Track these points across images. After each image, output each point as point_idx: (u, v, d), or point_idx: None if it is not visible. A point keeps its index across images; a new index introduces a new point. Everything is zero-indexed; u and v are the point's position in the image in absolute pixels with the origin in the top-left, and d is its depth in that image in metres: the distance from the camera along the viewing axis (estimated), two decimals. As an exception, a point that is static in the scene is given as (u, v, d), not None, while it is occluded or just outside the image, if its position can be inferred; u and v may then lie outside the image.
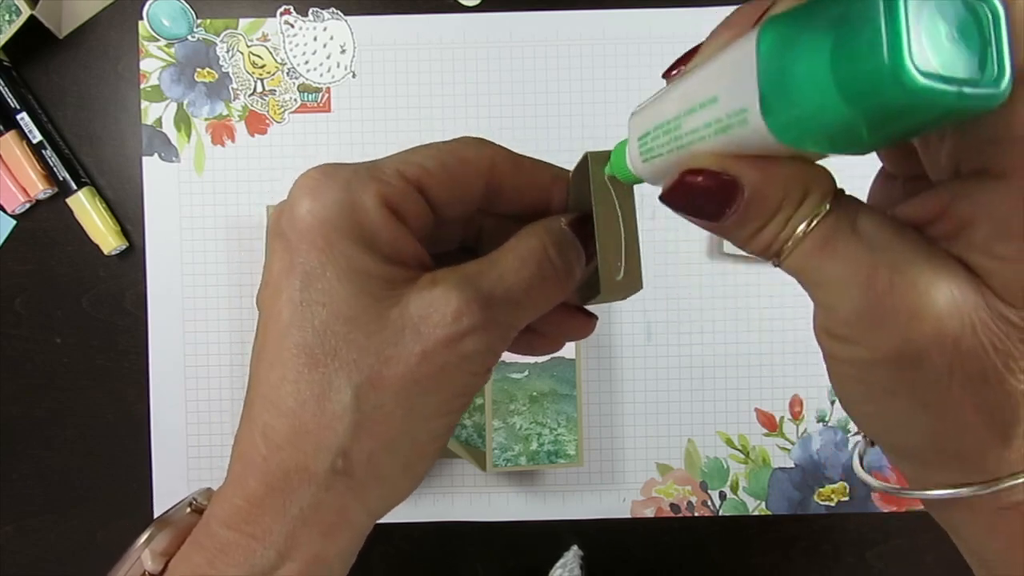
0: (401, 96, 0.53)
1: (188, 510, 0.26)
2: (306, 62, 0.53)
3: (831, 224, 0.17)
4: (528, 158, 0.25)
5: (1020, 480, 0.17)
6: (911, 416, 0.18)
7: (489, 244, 0.24)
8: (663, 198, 0.19)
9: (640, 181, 0.22)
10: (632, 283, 0.25)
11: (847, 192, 0.18)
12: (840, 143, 0.15)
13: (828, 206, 0.17)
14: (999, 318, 0.16)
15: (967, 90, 0.14)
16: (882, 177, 0.22)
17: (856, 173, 0.21)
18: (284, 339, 0.21)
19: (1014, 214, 0.16)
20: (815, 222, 0.17)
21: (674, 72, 0.20)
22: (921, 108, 0.13)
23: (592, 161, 0.24)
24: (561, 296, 0.24)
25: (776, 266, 0.18)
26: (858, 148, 0.15)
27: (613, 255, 0.24)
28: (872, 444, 0.23)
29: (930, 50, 0.13)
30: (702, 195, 0.18)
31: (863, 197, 0.21)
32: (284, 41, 0.53)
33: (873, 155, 0.22)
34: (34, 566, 0.54)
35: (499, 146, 0.24)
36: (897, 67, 0.13)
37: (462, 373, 0.21)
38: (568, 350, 0.50)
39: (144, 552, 0.24)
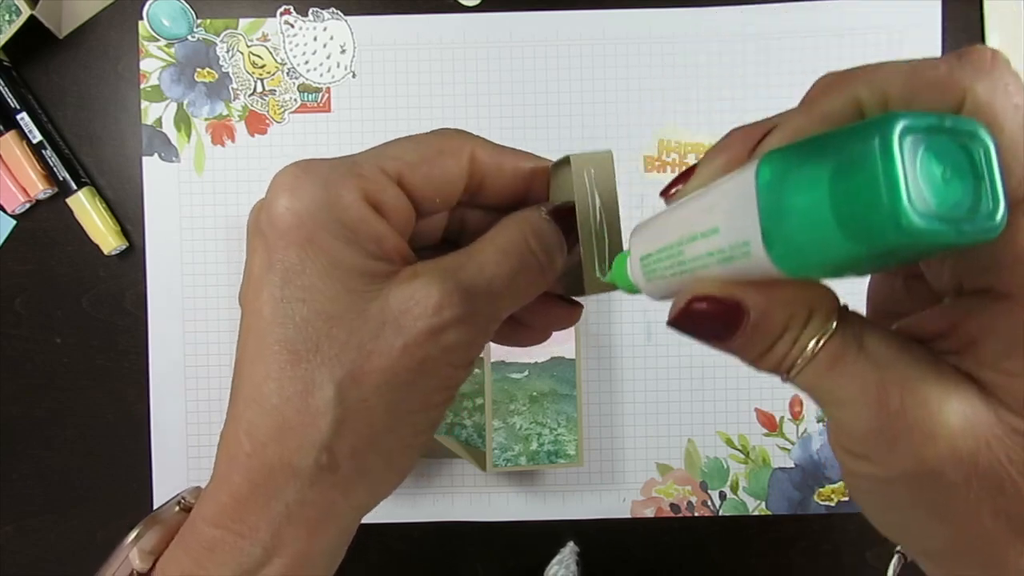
0: (401, 96, 0.53)
1: (176, 508, 0.26)
2: (306, 62, 0.53)
3: (838, 343, 0.17)
4: (508, 148, 0.25)
5: None
6: (930, 526, 0.18)
7: (471, 237, 0.23)
8: (671, 324, 0.19)
9: (639, 292, 0.22)
10: None
11: (846, 298, 0.18)
12: (842, 271, 0.16)
13: (834, 324, 0.17)
14: (1011, 431, 0.17)
15: (965, 227, 0.14)
16: (881, 273, 0.22)
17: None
18: (266, 336, 0.21)
19: (1020, 333, 0.16)
20: (823, 341, 0.17)
21: (672, 191, 0.20)
22: (920, 246, 0.14)
23: (575, 163, 0.24)
24: (543, 286, 0.24)
25: (785, 382, 0.19)
26: (859, 274, 0.16)
27: (596, 253, 0.24)
28: (907, 560, 0.23)
29: (927, 191, 0.14)
30: (708, 320, 0.18)
31: (862, 288, 0.21)
32: (284, 41, 0.53)
33: None
34: (34, 566, 0.54)
35: (478, 137, 0.24)
36: (896, 210, 0.13)
37: (444, 365, 0.21)
38: (568, 350, 0.50)
39: (132, 550, 0.24)
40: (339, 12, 0.53)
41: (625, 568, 0.55)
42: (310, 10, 0.53)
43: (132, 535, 0.24)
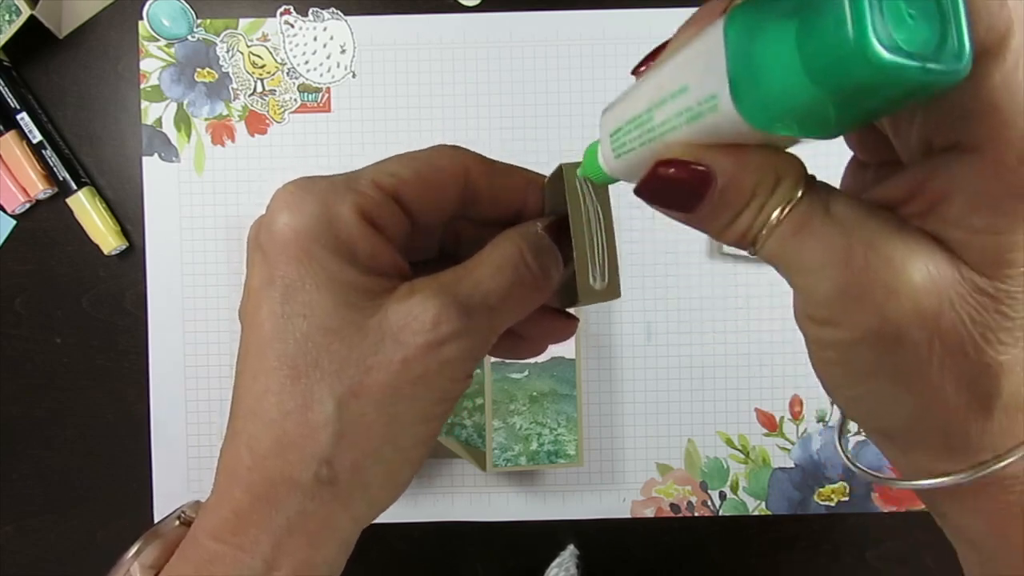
0: (401, 96, 0.53)
1: (177, 523, 0.26)
2: (306, 62, 0.53)
3: (804, 209, 0.17)
4: (503, 164, 0.25)
5: (1004, 462, 0.18)
6: (894, 396, 0.18)
7: (467, 251, 0.24)
8: (637, 191, 0.19)
9: (614, 180, 0.22)
10: (611, 290, 0.25)
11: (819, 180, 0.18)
12: (809, 125, 0.15)
13: (801, 192, 0.17)
14: (975, 290, 0.16)
15: (931, 65, 0.14)
16: (853, 165, 0.22)
17: (830, 163, 0.21)
18: (266, 351, 0.21)
19: (987, 185, 0.16)
20: (788, 208, 0.17)
21: (643, 68, 0.20)
22: (887, 84, 0.14)
23: (567, 172, 0.24)
24: (539, 300, 0.24)
25: (752, 255, 0.18)
26: (826, 130, 0.16)
27: (590, 263, 0.24)
28: (848, 420, 0.23)
29: (893, 27, 0.14)
30: (675, 186, 0.18)
31: (837, 180, 0.21)
32: (284, 41, 0.53)
33: (844, 146, 0.22)
34: (34, 566, 0.54)
35: (473, 153, 0.25)
36: (862, 43, 0.13)
37: (443, 379, 0.22)
38: (568, 350, 0.50)
39: (133, 565, 0.24)
40: (339, 12, 0.53)
41: (625, 568, 0.55)
42: (310, 10, 0.53)
43: (133, 550, 0.25)
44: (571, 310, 0.27)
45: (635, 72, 0.21)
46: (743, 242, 0.18)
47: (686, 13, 0.19)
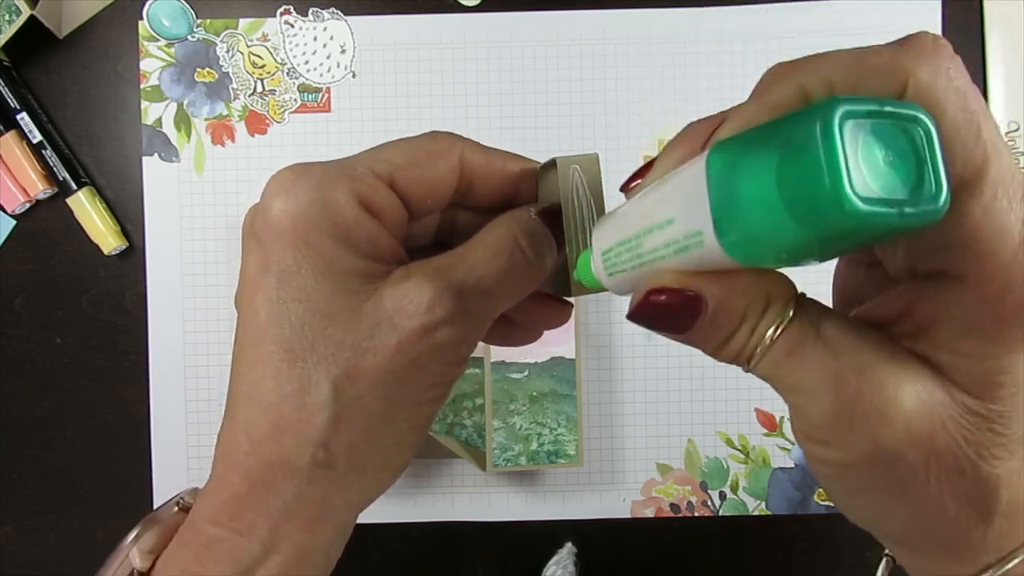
0: (401, 96, 0.53)
1: (176, 509, 0.26)
2: (306, 62, 0.53)
3: (796, 331, 0.17)
4: (497, 150, 0.25)
5: (1010, 564, 0.18)
6: (893, 508, 0.19)
7: (462, 238, 0.24)
8: (630, 317, 0.19)
9: (605, 289, 0.23)
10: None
11: (817, 289, 0.18)
12: (795, 258, 0.16)
13: (791, 312, 0.17)
14: (967, 412, 0.17)
15: (908, 210, 0.14)
16: (845, 261, 0.23)
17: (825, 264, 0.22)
18: (263, 337, 0.21)
19: (974, 312, 0.16)
20: (780, 329, 0.17)
21: (632, 185, 0.21)
22: (865, 229, 0.14)
23: (561, 166, 0.24)
24: (533, 285, 0.24)
25: (747, 371, 0.19)
26: (811, 261, 0.16)
27: (580, 256, 0.24)
28: (895, 563, 0.23)
29: (869, 175, 0.14)
30: (667, 312, 0.18)
31: (828, 278, 0.21)
32: (284, 41, 0.53)
33: None
34: (34, 566, 0.54)
35: (468, 139, 0.25)
36: (838, 194, 0.13)
37: (437, 363, 0.22)
38: (568, 350, 0.50)
39: (132, 550, 0.24)
40: (339, 12, 0.53)
41: (625, 568, 0.55)
42: (310, 10, 0.53)
43: (132, 535, 0.25)
44: (568, 298, 0.27)
45: (624, 188, 0.21)
46: (738, 361, 0.19)
47: (686, 13, 0.19)
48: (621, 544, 0.54)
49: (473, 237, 0.23)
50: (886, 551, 0.24)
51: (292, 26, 0.53)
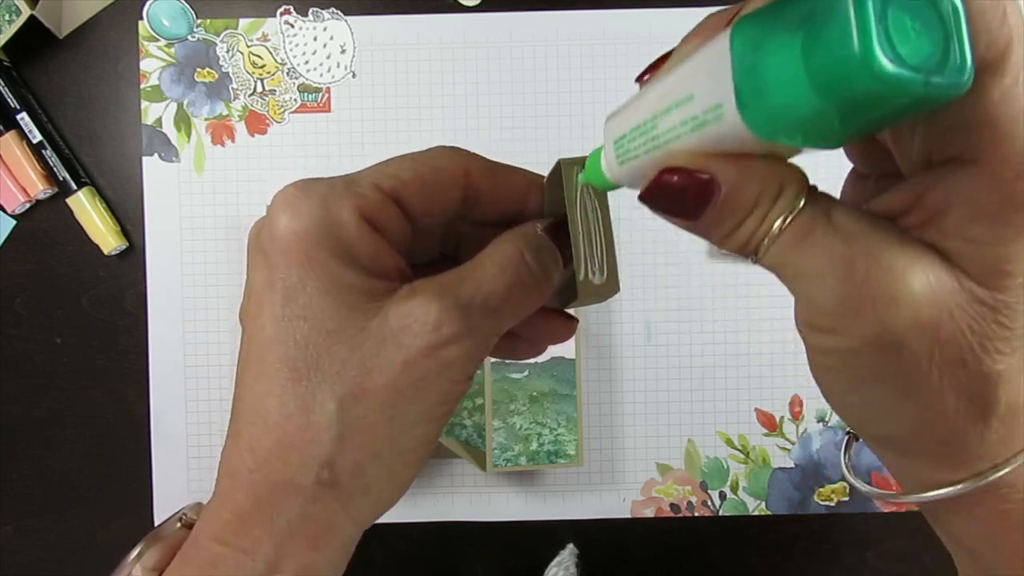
0: (401, 96, 0.53)
1: (178, 525, 0.26)
2: (306, 62, 0.53)
3: (807, 218, 0.17)
4: (502, 165, 0.25)
5: (1001, 472, 0.18)
6: (893, 403, 0.18)
7: (468, 252, 0.24)
8: (641, 198, 0.19)
9: (616, 187, 0.22)
10: (610, 287, 0.25)
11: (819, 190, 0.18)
12: (813, 135, 0.16)
13: (803, 201, 0.17)
14: (974, 300, 0.17)
15: (934, 79, 0.14)
16: (853, 177, 0.22)
17: (831, 175, 0.22)
18: (268, 354, 0.21)
19: (986, 196, 0.16)
20: (791, 217, 0.17)
21: (647, 77, 0.20)
22: (890, 96, 0.14)
23: (565, 168, 0.24)
24: (540, 301, 0.24)
25: (754, 263, 0.19)
26: (830, 140, 0.16)
27: (589, 260, 0.24)
28: (856, 439, 0.23)
29: (897, 41, 0.14)
30: (679, 194, 0.18)
31: (839, 185, 0.21)
32: (284, 41, 0.53)
33: (844, 158, 0.22)
34: (34, 566, 0.54)
35: (473, 154, 0.25)
36: (867, 56, 0.13)
37: (443, 381, 0.22)
38: (568, 350, 0.50)
39: (135, 567, 0.24)
40: (339, 12, 0.53)
41: (625, 568, 0.55)
42: (310, 10, 0.53)
43: (134, 552, 0.25)
44: (571, 311, 0.27)
45: (639, 80, 0.21)
46: (745, 250, 0.18)
47: (686, 13, 0.19)
48: (621, 544, 0.54)
49: (480, 254, 0.23)
50: (847, 429, 0.23)
51: (292, 26, 0.53)
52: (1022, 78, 0.15)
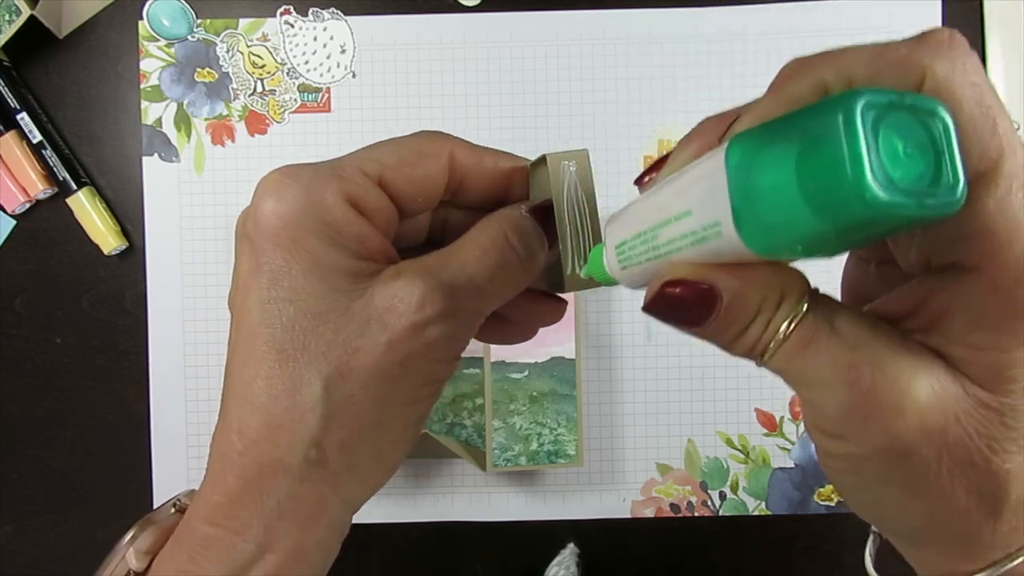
0: (401, 96, 0.53)
1: (172, 510, 0.26)
2: (306, 62, 0.53)
3: (810, 324, 0.18)
4: (487, 149, 0.25)
5: (1017, 561, 0.18)
6: (905, 503, 0.19)
7: (455, 237, 0.24)
8: (646, 309, 0.20)
9: (616, 283, 0.23)
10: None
11: (823, 288, 0.18)
12: (811, 250, 0.16)
13: (806, 306, 0.18)
14: (979, 405, 0.17)
15: (927, 200, 0.14)
16: (854, 260, 0.23)
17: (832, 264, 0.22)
18: (255, 337, 0.22)
19: (987, 304, 0.16)
20: (794, 323, 0.18)
21: (646, 180, 0.21)
22: (885, 219, 0.14)
23: (551, 161, 0.24)
24: (525, 282, 0.24)
25: (760, 366, 0.19)
26: (828, 253, 0.16)
27: (574, 251, 0.24)
28: (881, 537, 0.23)
29: (889, 166, 0.14)
30: (683, 304, 0.18)
31: (837, 277, 0.21)
32: (284, 41, 0.53)
33: None
34: (34, 566, 0.54)
35: (457, 138, 0.25)
36: (860, 184, 0.14)
37: (428, 360, 0.22)
38: (568, 350, 0.50)
39: (128, 551, 0.24)
40: (339, 12, 0.53)
41: (625, 568, 0.55)
42: (310, 10, 0.53)
43: (128, 536, 0.25)
44: (562, 294, 0.27)
45: (639, 183, 0.21)
46: (751, 354, 0.19)
47: (686, 13, 0.19)
48: (621, 544, 0.54)
49: (464, 235, 0.24)
50: (873, 528, 0.24)
51: (292, 26, 0.53)
52: (1015, 186, 0.16)
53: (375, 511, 0.53)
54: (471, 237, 0.23)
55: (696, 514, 0.54)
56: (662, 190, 0.19)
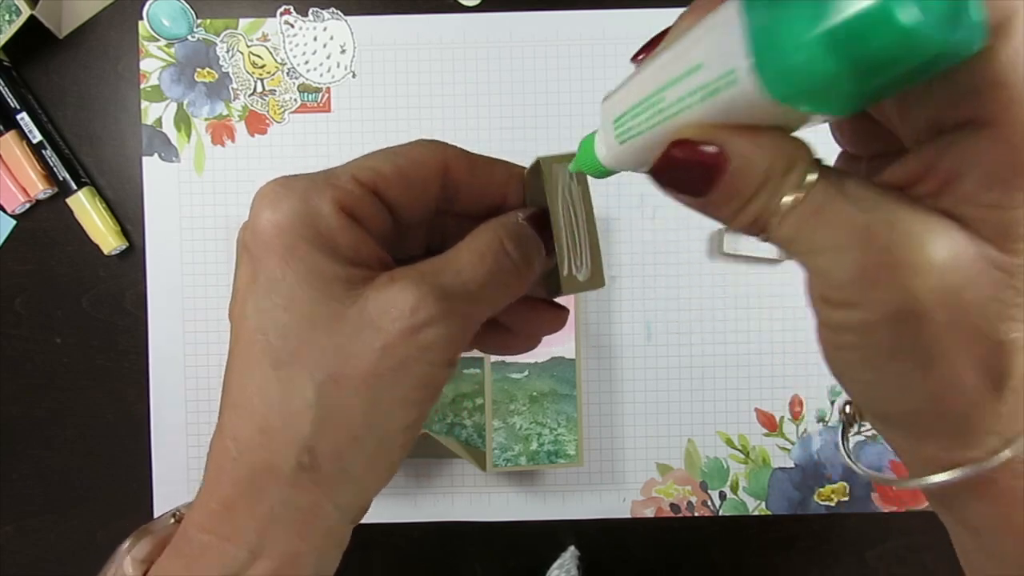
0: (401, 96, 0.53)
1: (171, 520, 0.26)
2: (306, 62, 0.53)
3: (822, 190, 0.17)
4: (483, 157, 0.25)
5: (1015, 448, 0.17)
6: (908, 379, 0.18)
7: (452, 246, 0.24)
8: (652, 172, 0.19)
9: (609, 173, 0.22)
10: (594, 281, 0.25)
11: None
12: (828, 99, 0.15)
13: (816, 175, 0.17)
14: (992, 266, 0.16)
15: (951, 35, 0.14)
16: (844, 160, 0.22)
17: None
18: (250, 345, 0.22)
19: (998, 161, 0.16)
20: (807, 185, 0.17)
21: (642, 56, 0.20)
22: (908, 53, 0.14)
23: (544, 165, 0.24)
24: (521, 289, 0.24)
25: (764, 240, 0.18)
26: (842, 105, 0.16)
27: (572, 256, 0.24)
28: (852, 423, 0.23)
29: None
30: (689, 168, 0.18)
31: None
32: (284, 41, 0.53)
33: (832, 143, 0.22)
34: (34, 566, 0.54)
35: (453, 146, 0.25)
36: (887, 10, 0.14)
37: (422, 365, 0.22)
38: (568, 350, 0.50)
39: (126, 559, 0.24)
40: (339, 12, 0.53)
41: (625, 568, 0.55)
42: (310, 10, 0.53)
43: (125, 544, 0.25)
44: (562, 300, 0.27)
45: (635, 59, 0.21)
46: (755, 227, 0.18)
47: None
48: (621, 544, 0.54)
49: (460, 242, 0.24)
50: (845, 413, 0.23)
51: (292, 26, 0.53)
52: None
53: (376, 511, 0.53)
54: (466, 244, 0.23)
55: (696, 514, 0.54)
56: (667, 52, 0.18)
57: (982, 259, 0.16)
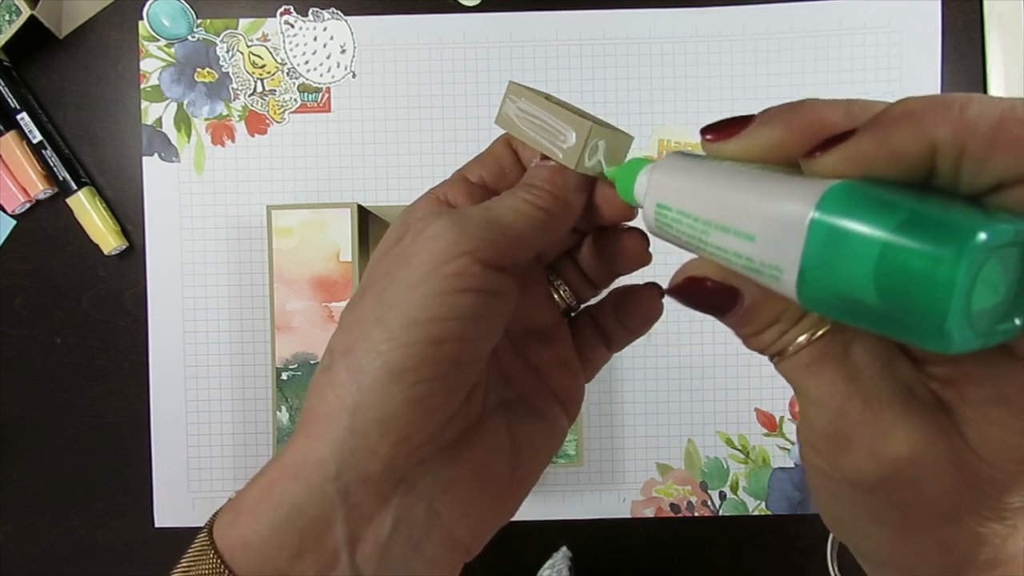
0: (401, 96, 0.53)
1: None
2: (306, 62, 0.53)
3: (825, 344, 0.18)
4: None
5: None
6: (873, 529, 0.19)
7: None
8: (669, 292, 0.21)
9: (637, 206, 0.23)
10: (620, 143, 0.27)
11: None
12: (854, 322, 0.16)
13: (827, 328, 0.18)
14: (964, 468, 0.17)
15: (992, 339, 0.14)
16: None
17: None
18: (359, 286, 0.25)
19: (1017, 392, 0.16)
20: (815, 337, 0.18)
21: (710, 137, 0.20)
22: (942, 348, 0.14)
23: (510, 90, 0.25)
24: (565, 222, 0.25)
25: (772, 364, 0.19)
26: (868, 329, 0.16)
27: (585, 150, 0.26)
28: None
29: (975, 302, 0.13)
30: (705, 296, 0.19)
31: None
32: (284, 41, 0.53)
33: None
34: (34, 566, 0.54)
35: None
36: (941, 326, 0.13)
37: (443, 278, 0.22)
38: (568, 350, 0.50)
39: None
40: (339, 12, 0.53)
41: (625, 568, 0.54)
42: (310, 10, 0.53)
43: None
44: (630, 224, 0.28)
45: (704, 133, 0.20)
46: (766, 354, 0.19)
47: (686, 13, 0.19)
48: (621, 544, 0.54)
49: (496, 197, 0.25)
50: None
51: (292, 26, 0.53)
52: None
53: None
54: (501, 198, 0.24)
55: (696, 514, 0.54)
56: (730, 183, 0.18)
57: (952, 457, 0.17)
